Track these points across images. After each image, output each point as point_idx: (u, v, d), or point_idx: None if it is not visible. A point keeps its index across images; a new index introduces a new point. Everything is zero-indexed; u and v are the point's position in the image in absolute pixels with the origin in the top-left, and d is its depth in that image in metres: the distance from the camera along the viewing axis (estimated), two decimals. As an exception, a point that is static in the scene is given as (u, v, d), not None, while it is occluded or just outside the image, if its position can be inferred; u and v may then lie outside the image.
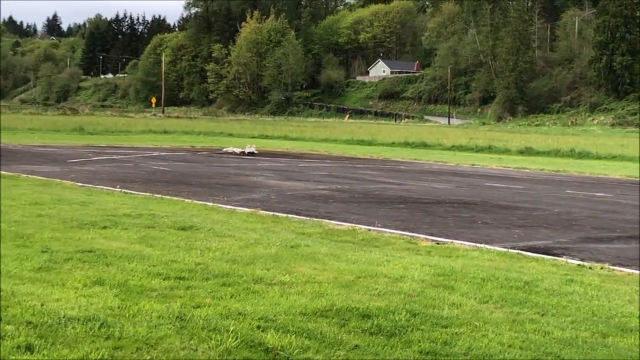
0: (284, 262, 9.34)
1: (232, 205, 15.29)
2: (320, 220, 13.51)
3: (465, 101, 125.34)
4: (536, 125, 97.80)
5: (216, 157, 31.87)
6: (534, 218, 15.39)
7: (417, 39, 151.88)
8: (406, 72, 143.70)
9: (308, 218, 13.74)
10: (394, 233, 12.42)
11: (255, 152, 34.83)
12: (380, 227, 12.99)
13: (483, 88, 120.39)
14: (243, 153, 34.43)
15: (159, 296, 7.38)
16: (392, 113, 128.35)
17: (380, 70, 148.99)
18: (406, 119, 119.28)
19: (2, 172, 20.78)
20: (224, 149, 36.08)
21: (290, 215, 13.99)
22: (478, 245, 11.42)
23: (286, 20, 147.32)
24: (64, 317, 6.45)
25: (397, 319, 6.89)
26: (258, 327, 6.43)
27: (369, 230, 12.59)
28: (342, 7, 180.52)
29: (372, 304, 7.36)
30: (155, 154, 32.49)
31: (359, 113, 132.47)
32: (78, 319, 6.39)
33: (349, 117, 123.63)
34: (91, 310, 6.74)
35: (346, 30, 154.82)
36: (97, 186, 18.15)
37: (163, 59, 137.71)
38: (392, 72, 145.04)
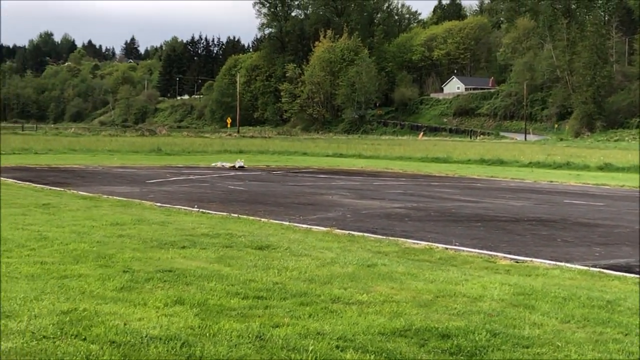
0: (361, 281, 9.34)
1: (308, 224, 15.35)
2: (396, 238, 13.47)
3: (542, 117, 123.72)
4: (615, 141, 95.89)
5: (291, 176, 32.06)
6: (615, 235, 15.08)
7: (491, 54, 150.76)
8: (481, 89, 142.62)
9: (384, 237, 13.70)
10: (472, 252, 12.30)
11: (244, 166, 36.63)
12: (458, 245, 12.88)
13: (560, 103, 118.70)
14: (233, 167, 36.18)
15: (238, 315, 7.44)
16: (467, 130, 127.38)
17: (454, 86, 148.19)
18: (481, 136, 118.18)
19: (83, 193, 21.28)
20: (212, 164, 37.83)
21: (366, 234, 13.98)
22: (558, 263, 11.24)
23: (359, 38, 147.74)
24: (146, 336, 6.56)
25: (477, 339, 6.82)
26: (337, 347, 6.44)
27: (446, 248, 12.49)
28: (415, 24, 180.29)
29: (452, 324, 7.30)
30: (232, 173, 32.82)
31: (433, 130, 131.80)
32: (160, 339, 6.49)
33: (423, 135, 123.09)
34: (172, 329, 6.83)
35: (420, 48, 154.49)
36: (175, 206, 18.41)
37: (238, 79, 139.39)
38: (466, 89, 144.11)
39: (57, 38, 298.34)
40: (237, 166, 36.37)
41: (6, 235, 12.24)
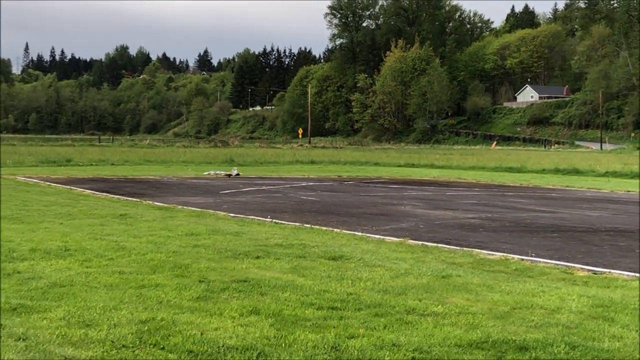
0: (436, 292, 9.27)
1: (381, 235, 15.31)
2: (470, 249, 13.35)
3: (618, 125, 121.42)
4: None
5: (363, 187, 32.04)
6: (697, 247, 14.68)
7: (566, 63, 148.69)
8: (555, 97, 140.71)
9: (458, 247, 13.60)
10: (548, 263, 12.12)
11: (239, 174, 37.71)
12: (534, 256, 12.70)
13: (637, 112, 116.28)
14: (229, 175, 37.24)
15: (313, 326, 7.46)
16: (541, 139, 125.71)
17: (528, 95, 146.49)
18: (556, 145, 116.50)
19: (159, 203, 21.62)
20: (205, 173, 38.45)
21: (439, 245, 13.88)
22: (637, 275, 10.99)
23: (431, 48, 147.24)
24: (222, 346, 6.63)
25: (555, 351, 6.71)
26: (413, 359, 6.41)
27: (522, 259, 12.33)
28: (487, 33, 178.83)
29: (529, 336, 7.20)
30: (303, 184, 32.96)
31: (506, 140, 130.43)
32: (236, 348, 6.55)
33: (496, 144, 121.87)
34: (248, 339, 6.88)
35: (492, 56, 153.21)
36: (249, 216, 18.56)
37: (309, 90, 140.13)
38: (540, 98, 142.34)
39: (133, 51, 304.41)
40: (233, 174, 37.41)
41: (85, 245, 12.50)
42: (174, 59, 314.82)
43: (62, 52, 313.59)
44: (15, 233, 13.90)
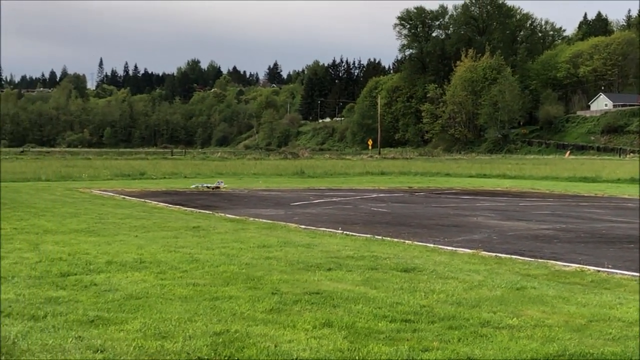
0: (511, 304, 9.17)
1: (453, 246, 15.20)
2: (545, 261, 13.16)
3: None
4: None
5: (434, 198, 31.85)
6: None
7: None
8: (630, 105, 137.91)
9: (532, 259, 13.41)
10: (625, 274, 11.87)
11: (219, 187, 36.36)
12: (610, 268, 12.45)
13: None
14: (217, 188, 35.86)
15: (387, 339, 7.44)
16: (615, 148, 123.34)
17: (602, 103, 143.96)
18: (631, 154, 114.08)
19: (231, 215, 21.82)
20: (192, 186, 37.27)
21: (513, 256, 13.72)
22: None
23: (502, 57, 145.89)
24: (296, 358, 6.65)
25: (635, 366, 6.57)
26: (488, 372, 6.34)
27: (598, 271, 12.10)
28: (559, 41, 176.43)
29: (607, 349, 7.06)
30: (374, 195, 32.90)
31: (580, 149, 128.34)
32: (310, 361, 6.56)
33: (569, 154, 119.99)
34: (322, 352, 6.90)
35: (565, 65, 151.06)
36: (320, 228, 18.60)
37: (379, 101, 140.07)
38: (614, 106, 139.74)
39: (204, 65, 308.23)
40: (221, 186, 36.52)
41: (160, 257, 12.69)
42: (244, 72, 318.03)
43: (136, 67, 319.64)
44: (92, 246, 14.18)
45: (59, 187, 36.08)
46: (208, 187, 35.33)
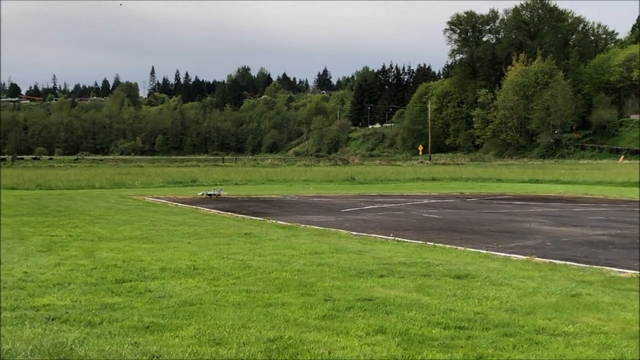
0: (566, 311, 9.06)
1: (506, 253, 15.07)
2: (600, 267, 12.98)
3: None
4: None
5: (486, 203, 31.61)
6: None
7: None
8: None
9: (587, 265, 13.24)
10: (684, 281, 11.66)
11: (225, 194, 35.91)
12: (668, 274, 12.24)
13: None
14: (218, 195, 35.13)
15: (441, 346, 7.40)
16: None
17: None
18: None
19: (282, 222, 21.90)
20: (199, 194, 36.10)
21: (568, 263, 13.56)
22: None
23: (553, 61, 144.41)
24: (350, 365, 6.65)
25: (695, 374, 6.45)
26: (544, 380, 6.28)
27: (655, 278, 11.91)
28: (612, 44, 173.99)
29: (666, 358, 6.94)
30: (425, 201, 32.76)
31: (634, 153, 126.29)
32: (364, 367, 6.56)
33: (623, 158, 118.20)
34: (375, 358, 6.89)
35: (618, 68, 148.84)
36: (371, 235, 18.57)
37: (429, 106, 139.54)
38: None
39: (254, 72, 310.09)
40: (221, 194, 35.54)
41: (213, 264, 12.79)
42: (294, 78, 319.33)
43: (187, 75, 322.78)
44: (146, 252, 14.34)
45: (113, 194, 36.56)
46: (209, 195, 35.00)
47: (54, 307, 9.24)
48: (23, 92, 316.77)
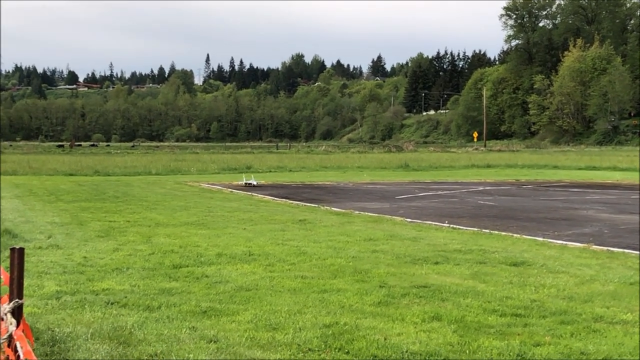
0: (624, 299, 8.95)
1: (563, 240, 14.91)
2: (660, 255, 12.78)
3: None
4: None
5: (542, 191, 31.28)
6: None
7: None
8: None
9: (646, 253, 13.04)
10: None
11: (255, 183, 34.10)
12: None
13: None
14: (250, 185, 33.56)
15: (497, 333, 7.37)
16: None
17: None
18: None
19: (336, 209, 21.92)
20: (240, 182, 34.68)
21: (626, 250, 13.37)
22: None
23: (611, 46, 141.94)
24: (406, 351, 6.66)
25: None
26: (602, 369, 6.22)
27: None
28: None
29: None
30: (480, 188, 32.53)
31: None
32: (420, 354, 6.56)
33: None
34: (432, 345, 6.88)
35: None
36: (426, 222, 18.51)
37: (484, 93, 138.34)
38: None
39: (308, 59, 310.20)
40: (254, 184, 33.89)
41: (268, 250, 12.88)
42: (348, 65, 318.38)
43: (241, 62, 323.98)
44: (202, 238, 14.49)
45: (169, 180, 36.96)
46: (247, 184, 33.75)
47: (113, 291, 9.39)
48: (81, 79, 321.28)
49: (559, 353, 6.63)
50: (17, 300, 4.08)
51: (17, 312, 4.05)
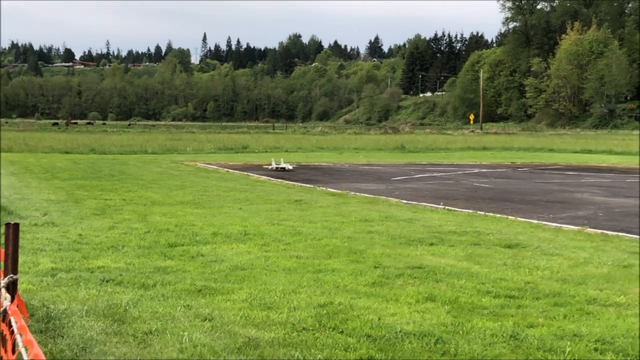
0: (618, 282, 8.99)
1: (558, 223, 14.94)
2: (654, 239, 12.81)
3: None
4: None
5: (537, 174, 31.31)
6: None
7: None
8: None
9: (640, 237, 13.08)
10: None
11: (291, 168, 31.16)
12: None
13: None
14: (282, 169, 30.76)
15: (490, 314, 7.40)
16: None
17: None
18: None
19: (332, 190, 21.94)
20: (271, 167, 31.51)
21: (620, 234, 13.40)
22: None
23: (609, 30, 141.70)
24: (400, 331, 6.68)
25: None
26: (595, 349, 6.26)
27: None
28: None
29: None
30: (476, 170, 32.56)
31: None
32: (414, 334, 6.59)
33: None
34: (425, 326, 6.91)
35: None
36: (421, 203, 18.53)
37: (481, 75, 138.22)
38: None
39: (305, 40, 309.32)
40: (289, 168, 30.97)
41: (263, 229, 12.89)
42: (345, 46, 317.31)
43: (238, 41, 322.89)
44: (198, 217, 14.50)
45: (165, 159, 36.94)
46: (276, 168, 30.87)
47: (108, 269, 9.41)
48: (77, 57, 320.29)
49: (552, 334, 6.66)
50: (11, 275, 4.08)
51: (11, 288, 4.05)
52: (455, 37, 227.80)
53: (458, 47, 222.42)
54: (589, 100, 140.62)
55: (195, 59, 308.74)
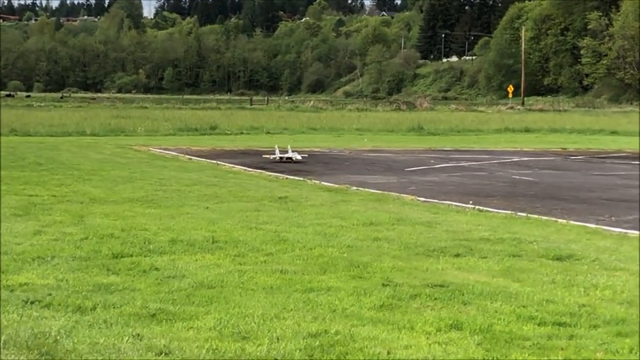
0: (700, 306, 9.01)
1: (622, 228, 14.97)
2: None
3: None
4: None
5: (596, 163, 31.42)
6: None
7: None
8: None
9: None
10: None
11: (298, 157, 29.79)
12: None
13: None
14: (287, 160, 29.53)
15: (534, 346, 7.42)
16: None
17: None
18: None
19: (328, 183, 21.96)
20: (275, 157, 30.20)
21: None
22: None
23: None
24: (415, 369, 6.69)
25: None
26: (670, 395, 6.27)
27: None
28: None
29: None
30: (515, 159, 32.65)
31: None
32: (433, 373, 6.60)
33: None
34: (449, 361, 6.93)
35: None
36: (444, 201, 18.56)
37: (523, 34, 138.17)
38: None
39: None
40: (297, 158, 29.59)
41: (237, 235, 12.89)
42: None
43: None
44: (151, 219, 14.50)
45: (109, 143, 36.95)
46: (282, 159, 29.68)
47: (33, 287, 9.39)
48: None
49: (615, 374, 6.69)
50: None
51: None
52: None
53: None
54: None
55: (148, 12, 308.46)
